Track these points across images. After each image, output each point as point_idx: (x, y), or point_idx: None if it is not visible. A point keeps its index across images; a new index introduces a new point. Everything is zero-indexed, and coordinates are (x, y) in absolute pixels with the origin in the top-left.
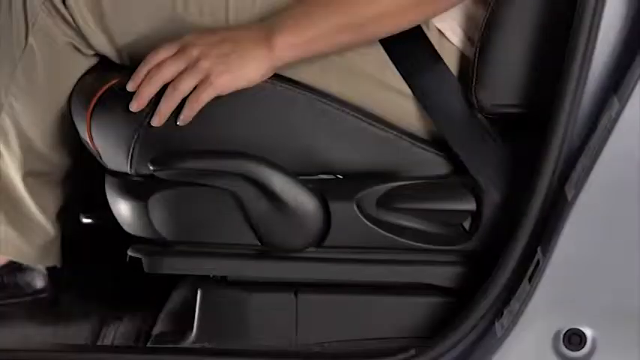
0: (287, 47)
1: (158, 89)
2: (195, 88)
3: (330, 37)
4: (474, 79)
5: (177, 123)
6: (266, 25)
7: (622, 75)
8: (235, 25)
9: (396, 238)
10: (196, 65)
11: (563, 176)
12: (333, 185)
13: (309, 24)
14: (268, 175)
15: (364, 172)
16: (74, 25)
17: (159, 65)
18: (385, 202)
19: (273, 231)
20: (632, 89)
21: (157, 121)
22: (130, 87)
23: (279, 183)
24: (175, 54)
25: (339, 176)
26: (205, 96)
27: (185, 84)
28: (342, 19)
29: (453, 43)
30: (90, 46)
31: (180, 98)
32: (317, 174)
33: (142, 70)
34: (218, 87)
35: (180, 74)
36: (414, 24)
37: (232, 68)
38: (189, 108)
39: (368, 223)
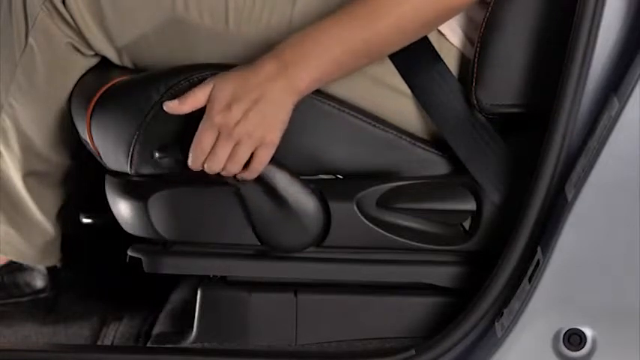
0: (313, 85)
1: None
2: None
3: (352, 65)
4: (474, 80)
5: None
6: (290, 70)
7: (622, 75)
8: (235, 27)
9: (396, 237)
10: (243, 142)
11: (563, 176)
12: (333, 185)
13: (330, 63)
14: (273, 172)
15: (364, 172)
16: (74, 25)
17: (212, 155)
18: (385, 201)
19: (273, 231)
20: (632, 89)
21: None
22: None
23: (283, 181)
24: (220, 139)
25: (338, 176)
26: (261, 162)
27: (241, 158)
28: (362, 48)
29: (452, 44)
30: (90, 46)
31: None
32: (317, 174)
33: (197, 164)
34: (270, 148)
35: (232, 152)
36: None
37: (270, 127)
38: (249, 174)
39: (368, 223)
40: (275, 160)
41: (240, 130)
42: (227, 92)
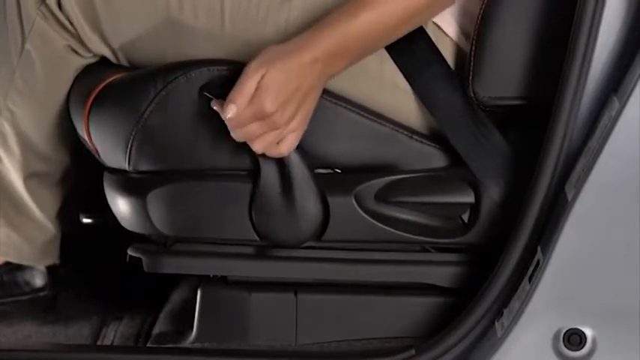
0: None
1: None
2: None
3: (377, 48)
4: (471, 73)
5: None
6: (330, 63)
7: (622, 75)
8: (231, 27)
9: (395, 231)
10: (280, 129)
11: (563, 176)
12: (331, 180)
13: (362, 49)
14: (296, 160)
15: (362, 166)
16: (71, 28)
17: (245, 129)
18: (384, 195)
19: (273, 225)
20: (632, 89)
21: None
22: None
23: (300, 171)
24: (260, 122)
25: (337, 170)
26: (289, 147)
27: (272, 141)
28: (392, 25)
29: (450, 37)
30: (87, 48)
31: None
32: (315, 168)
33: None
34: (300, 134)
35: (261, 136)
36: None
37: (306, 117)
38: (275, 152)
39: (367, 217)
40: (301, 149)
41: (283, 119)
42: (279, 83)
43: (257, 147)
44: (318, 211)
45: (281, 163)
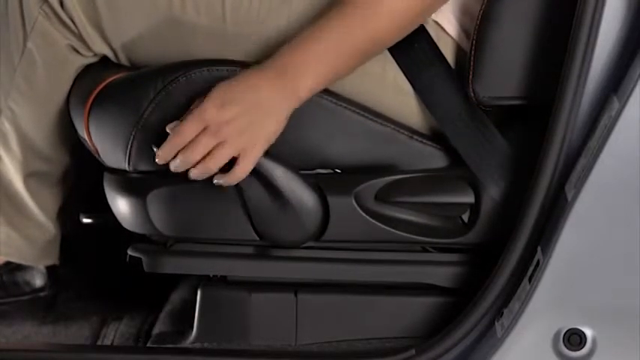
0: (311, 93)
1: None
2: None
3: (348, 68)
4: (471, 72)
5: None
6: (290, 81)
7: (622, 75)
8: (232, 26)
9: (395, 231)
10: (227, 144)
11: (563, 176)
12: (331, 180)
13: (328, 68)
14: (271, 168)
15: (362, 166)
16: (73, 27)
17: (192, 145)
18: (384, 195)
19: (272, 225)
20: (632, 89)
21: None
22: (161, 161)
23: (281, 175)
24: (204, 134)
25: (337, 170)
26: (243, 171)
27: (221, 157)
28: (357, 47)
29: (450, 36)
30: (88, 47)
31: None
32: (315, 169)
33: (170, 153)
34: (252, 158)
35: (211, 153)
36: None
37: (257, 137)
38: (228, 179)
39: (367, 217)
40: (272, 155)
41: (229, 130)
42: (223, 91)
43: (211, 166)
44: (317, 212)
45: (255, 174)
